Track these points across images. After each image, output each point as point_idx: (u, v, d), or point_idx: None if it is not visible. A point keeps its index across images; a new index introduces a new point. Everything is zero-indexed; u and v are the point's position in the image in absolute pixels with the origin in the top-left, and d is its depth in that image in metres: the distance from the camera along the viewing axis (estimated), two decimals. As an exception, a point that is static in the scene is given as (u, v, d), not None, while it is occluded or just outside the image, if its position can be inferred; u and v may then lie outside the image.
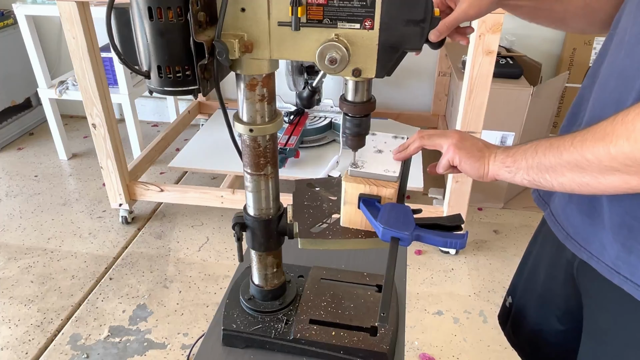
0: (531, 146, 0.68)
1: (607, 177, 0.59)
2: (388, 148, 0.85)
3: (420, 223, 0.74)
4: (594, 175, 0.60)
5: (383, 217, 0.74)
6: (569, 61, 2.69)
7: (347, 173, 0.80)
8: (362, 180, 0.78)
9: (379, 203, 0.77)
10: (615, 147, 0.56)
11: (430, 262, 2.17)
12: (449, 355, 1.75)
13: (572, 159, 0.62)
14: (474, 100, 1.77)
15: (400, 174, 0.81)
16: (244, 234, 0.86)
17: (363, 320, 0.88)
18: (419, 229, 0.73)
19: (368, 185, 0.77)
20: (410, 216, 0.75)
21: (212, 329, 0.92)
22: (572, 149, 0.61)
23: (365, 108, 0.74)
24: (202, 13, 0.64)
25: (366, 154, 0.83)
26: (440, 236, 0.72)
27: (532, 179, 0.68)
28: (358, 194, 0.78)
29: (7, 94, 3.09)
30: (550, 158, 0.64)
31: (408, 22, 0.64)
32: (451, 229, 0.75)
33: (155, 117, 3.47)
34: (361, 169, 0.79)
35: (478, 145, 0.75)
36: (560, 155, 0.63)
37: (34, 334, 1.83)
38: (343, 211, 0.81)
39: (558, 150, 0.63)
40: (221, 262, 2.18)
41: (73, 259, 2.20)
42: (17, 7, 2.51)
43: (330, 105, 2.72)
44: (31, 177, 2.82)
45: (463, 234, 0.72)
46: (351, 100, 0.74)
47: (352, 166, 0.80)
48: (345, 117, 0.76)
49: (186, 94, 0.67)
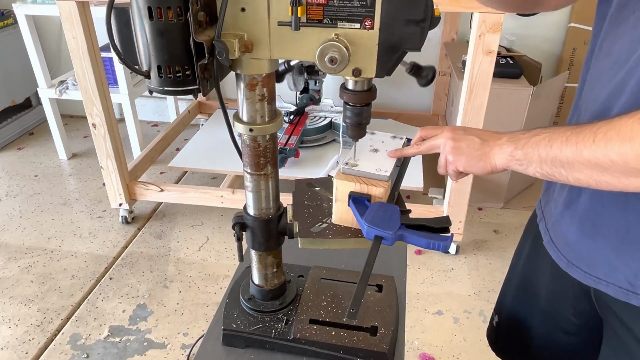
0: (544, 137, 0.65)
1: (631, 179, 0.57)
2: (385, 147, 0.85)
3: (407, 223, 0.74)
4: (615, 175, 0.57)
5: (369, 215, 0.74)
6: (569, 61, 2.69)
7: (340, 171, 0.80)
8: (353, 179, 0.79)
9: (368, 202, 0.78)
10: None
11: (430, 261, 2.17)
12: (449, 355, 1.75)
13: (593, 158, 0.58)
14: (474, 100, 1.77)
15: (394, 173, 0.81)
16: (244, 233, 0.86)
17: (363, 320, 0.88)
18: (403, 229, 0.73)
19: (359, 183, 0.78)
20: (396, 216, 0.75)
21: (212, 329, 0.92)
22: (595, 147, 0.58)
23: (365, 97, 0.73)
24: (202, 13, 0.64)
25: (362, 152, 0.83)
26: (423, 237, 0.72)
27: (546, 172, 0.65)
28: (348, 192, 0.78)
29: (7, 94, 3.09)
30: (567, 153, 0.61)
31: (408, 22, 0.64)
32: (438, 231, 0.75)
33: (155, 116, 3.47)
34: (353, 167, 0.79)
35: (475, 144, 0.74)
36: (580, 153, 0.59)
37: (34, 334, 1.83)
38: (335, 208, 0.82)
39: (577, 147, 0.60)
40: (221, 262, 2.18)
41: (73, 258, 2.20)
42: (17, 6, 2.51)
43: (330, 105, 2.72)
44: (31, 176, 2.82)
45: (447, 236, 0.72)
46: (351, 88, 0.73)
47: (345, 164, 0.80)
48: (346, 106, 0.75)
49: (186, 93, 0.67)
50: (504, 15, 1.59)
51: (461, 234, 2.10)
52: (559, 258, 0.80)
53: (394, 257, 1.08)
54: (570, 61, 2.69)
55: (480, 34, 1.64)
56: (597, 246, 0.73)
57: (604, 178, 0.59)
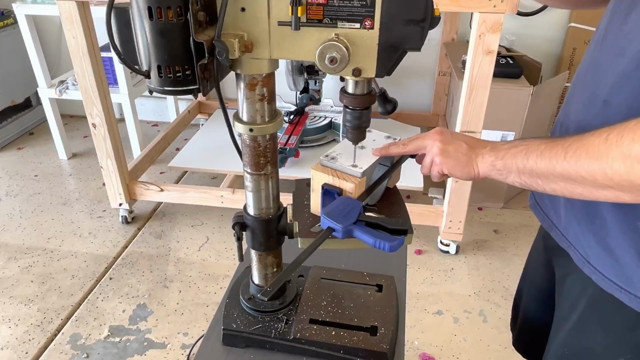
0: (522, 150, 0.68)
1: (601, 192, 0.61)
2: (374, 145, 0.85)
3: (365, 220, 0.75)
4: (587, 188, 0.62)
5: (329, 207, 0.75)
6: (569, 61, 2.69)
7: (319, 162, 0.82)
8: (329, 171, 0.80)
9: (338, 195, 0.79)
10: (611, 169, 0.57)
11: (430, 261, 2.17)
12: (448, 354, 1.75)
13: (565, 173, 0.63)
14: (474, 99, 1.77)
15: (374, 171, 0.81)
16: (244, 233, 0.86)
17: (363, 319, 0.88)
18: (356, 225, 0.73)
19: (333, 176, 0.79)
20: (355, 212, 0.75)
21: (212, 329, 0.92)
22: (566, 164, 0.62)
23: (365, 100, 0.74)
24: (202, 13, 0.64)
25: (348, 147, 0.83)
26: (372, 236, 0.72)
27: (524, 182, 0.69)
28: (322, 183, 0.80)
29: (7, 94, 3.09)
30: (542, 167, 0.65)
31: (408, 22, 0.64)
32: (394, 232, 0.74)
33: (155, 116, 3.47)
34: (330, 161, 0.81)
35: (462, 149, 0.75)
36: (553, 168, 0.64)
37: (34, 334, 1.83)
38: (311, 198, 0.83)
39: (550, 162, 0.64)
40: (221, 261, 2.18)
41: (73, 258, 2.20)
42: (17, 6, 2.51)
43: (330, 105, 2.72)
44: (31, 176, 2.82)
45: (396, 238, 0.72)
46: (351, 92, 0.74)
47: (324, 156, 0.82)
48: (346, 109, 0.75)
49: (186, 93, 0.67)
50: (504, 15, 1.59)
51: (461, 234, 2.10)
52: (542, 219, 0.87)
53: (393, 257, 1.08)
54: (570, 61, 2.69)
55: (480, 34, 1.64)
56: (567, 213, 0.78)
57: (577, 190, 0.63)
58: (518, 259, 2.17)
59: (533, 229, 2.30)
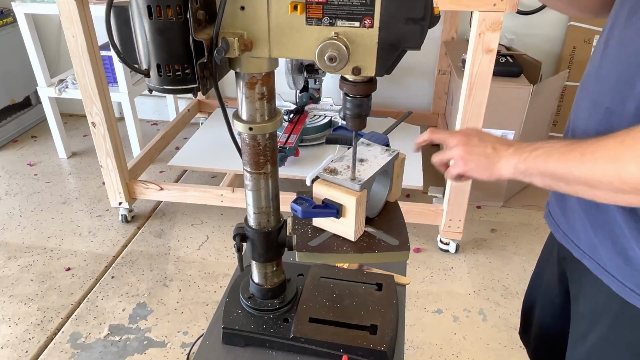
0: (543, 152, 0.68)
1: (620, 196, 0.60)
2: (373, 160, 0.85)
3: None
4: (605, 192, 0.61)
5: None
6: (569, 59, 2.69)
7: (319, 177, 0.83)
8: (329, 186, 0.80)
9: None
10: (626, 173, 0.57)
11: (430, 260, 2.17)
12: (448, 353, 1.75)
13: (583, 176, 0.62)
14: (473, 98, 1.77)
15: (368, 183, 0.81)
16: (244, 244, 0.87)
17: (363, 318, 0.88)
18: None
19: (333, 190, 0.80)
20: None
21: (212, 328, 0.92)
22: (583, 167, 0.62)
23: (366, 88, 0.73)
24: (201, 11, 0.64)
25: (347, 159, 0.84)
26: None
27: (548, 184, 0.69)
28: (322, 199, 0.81)
29: (7, 93, 3.08)
30: (561, 170, 0.65)
31: (408, 21, 0.63)
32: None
33: (154, 115, 3.47)
34: (330, 174, 0.81)
35: (486, 152, 0.75)
36: (571, 171, 0.63)
37: (34, 333, 1.83)
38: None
39: (568, 165, 0.64)
40: (221, 260, 2.18)
41: (73, 257, 2.20)
42: (16, 5, 2.51)
43: (330, 104, 2.72)
44: (31, 175, 2.82)
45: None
46: (352, 79, 0.72)
47: (324, 171, 0.83)
48: (346, 97, 0.74)
49: (186, 92, 0.67)
50: (503, 13, 1.59)
51: (461, 232, 2.10)
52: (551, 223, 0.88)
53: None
54: (570, 60, 2.69)
55: (480, 33, 1.64)
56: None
57: (597, 193, 0.63)
58: (517, 258, 2.17)
59: (532, 228, 2.31)
